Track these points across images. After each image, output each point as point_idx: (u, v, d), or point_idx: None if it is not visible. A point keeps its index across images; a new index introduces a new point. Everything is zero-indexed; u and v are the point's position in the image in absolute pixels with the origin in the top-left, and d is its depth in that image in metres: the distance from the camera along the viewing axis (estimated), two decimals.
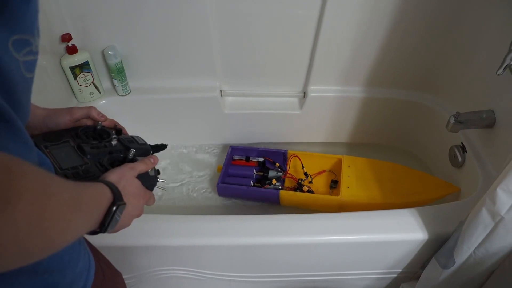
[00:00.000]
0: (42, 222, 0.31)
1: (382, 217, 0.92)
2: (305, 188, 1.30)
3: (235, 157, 1.44)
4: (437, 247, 0.89)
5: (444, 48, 1.25)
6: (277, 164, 1.38)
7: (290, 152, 1.41)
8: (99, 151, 0.58)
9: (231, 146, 1.45)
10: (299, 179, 1.34)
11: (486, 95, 1.09)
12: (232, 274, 1.00)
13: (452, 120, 1.04)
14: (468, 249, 0.79)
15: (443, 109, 1.32)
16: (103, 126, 0.66)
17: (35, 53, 0.37)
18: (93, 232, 0.45)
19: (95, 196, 0.43)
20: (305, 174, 1.36)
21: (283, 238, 0.87)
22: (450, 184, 1.19)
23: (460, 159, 1.16)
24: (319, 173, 1.39)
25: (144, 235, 0.86)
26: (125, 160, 0.59)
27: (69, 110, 0.62)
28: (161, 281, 1.00)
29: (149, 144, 0.68)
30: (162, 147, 0.71)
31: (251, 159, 1.43)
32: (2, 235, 0.27)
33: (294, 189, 1.31)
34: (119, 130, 0.69)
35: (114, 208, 0.44)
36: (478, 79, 1.14)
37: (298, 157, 1.38)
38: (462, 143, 1.16)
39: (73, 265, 0.48)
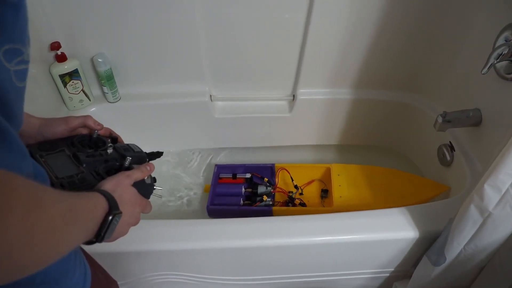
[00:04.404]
0: (34, 236, 0.31)
1: (373, 216, 0.93)
2: (297, 201, 1.29)
3: (221, 175, 1.40)
4: (428, 245, 0.91)
5: (430, 49, 1.27)
6: (266, 179, 1.35)
7: (277, 165, 1.39)
8: (94, 160, 0.58)
9: (216, 165, 1.42)
10: (289, 192, 1.33)
11: (472, 94, 1.11)
12: (225, 277, 1.00)
13: (440, 120, 1.06)
14: (458, 245, 0.80)
15: (431, 109, 1.34)
16: (99, 135, 0.66)
17: (27, 62, 0.37)
18: (90, 242, 0.45)
19: (90, 207, 0.42)
20: (296, 187, 1.33)
21: (275, 240, 0.88)
22: (439, 184, 1.21)
23: (448, 158, 1.18)
24: (308, 183, 1.38)
25: (136, 240, 0.86)
26: (121, 168, 0.59)
27: (65, 119, 0.62)
28: (155, 287, 1.00)
29: (145, 152, 0.68)
30: (158, 154, 0.71)
31: (238, 175, 1.39)
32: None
33: (286, 203, 1.29)
34: (114, 139, 0.69)
35: (110, 218, 0.44)
36: (464, 79, 1.16)
37: (286, 169, 1.37)
38: (450, 142, 1.18)
39: (70, 275, 0.48)
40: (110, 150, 0.62)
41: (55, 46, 1.17)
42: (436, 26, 1.21)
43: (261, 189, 1.32)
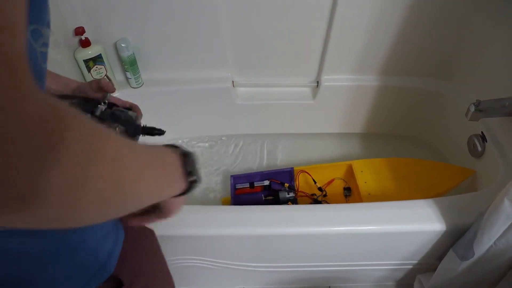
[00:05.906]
0: (121, 182, 0.31)
1: (399, 207, 0.90)
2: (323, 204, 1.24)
3: (238, 186, 1.33)
4: (455, 238, 0.88)
5: (461, 33, 1.21)
6: (286, 185, 1.26)
7: (296, 168, 1.31)
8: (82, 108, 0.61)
9: (232, 176, 1.34)
10: (312, 195, 1.27)
11: (509, 81, 1.05)
12: (246, 264, 1.01)
13: (472, 109, 1.01)
14: (488, 240, 0.77)
15: (462, 98, 1.28)
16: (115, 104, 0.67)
17: (47, 45, 0.37)
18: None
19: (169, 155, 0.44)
20: (320, 189, 1.27)
21: (297, 229, 0.87)
22: (465, 169, 1.17)
23: (479, 148, 1.13)
24: (329, 183, 1.32)
25: (160, 225, 0.86)
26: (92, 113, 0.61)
27: (90, 83, 0.66)
28: (177, 270, 1.00)
29: (144, 125, 0.67)
30: (158, 131, 0.68)
31: (256, 184, 1.32)
32: (86, 193, 0.27)
33: None
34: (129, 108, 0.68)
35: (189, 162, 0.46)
36: (499, 65, 1.10)
37: (307, 172, 1.30)
38: (482, 132, 1.13)
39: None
40: (103, 107, 0.63)
41: (79, 31, 1.18)
42: (468, 8, 1.14)
43: (282, 195, 1.23)
